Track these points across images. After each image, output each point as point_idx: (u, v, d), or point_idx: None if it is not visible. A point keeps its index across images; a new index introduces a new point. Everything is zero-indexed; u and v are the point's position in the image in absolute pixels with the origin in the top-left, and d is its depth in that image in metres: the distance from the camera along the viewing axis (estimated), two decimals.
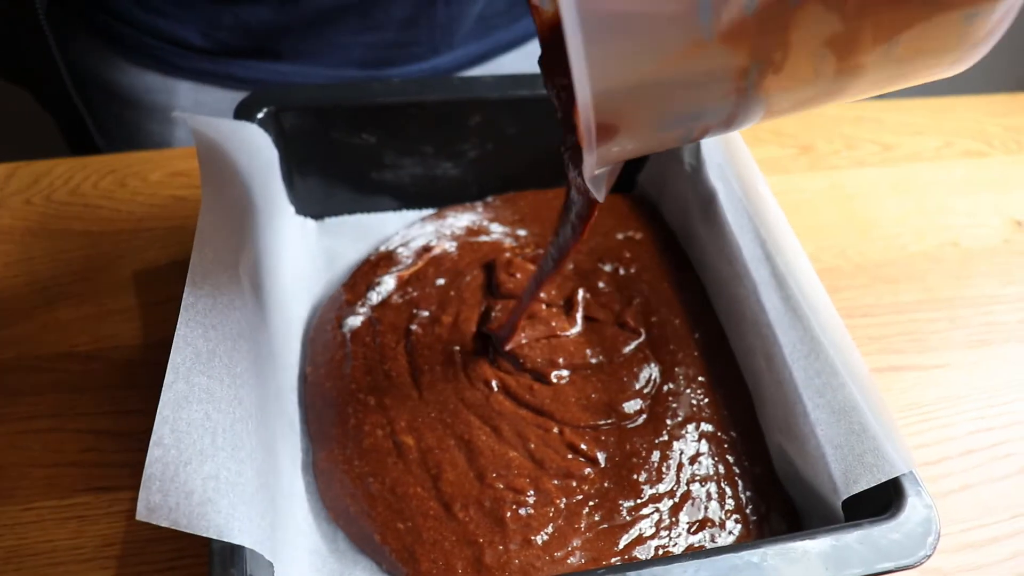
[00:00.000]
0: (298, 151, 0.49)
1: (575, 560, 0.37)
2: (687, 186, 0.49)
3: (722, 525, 0.39)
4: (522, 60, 0.69)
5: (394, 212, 0.53)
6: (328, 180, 0.51)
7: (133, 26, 0.60)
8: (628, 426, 0.42)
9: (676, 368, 0.44)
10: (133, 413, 0.43)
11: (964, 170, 0.64)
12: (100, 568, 0.38)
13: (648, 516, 0.39)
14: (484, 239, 0.51)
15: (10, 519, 0.39)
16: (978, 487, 0.44)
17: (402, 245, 0.50)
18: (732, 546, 0.32)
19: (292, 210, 0.51)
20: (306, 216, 0.52)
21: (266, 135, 0.46)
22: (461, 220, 0.52)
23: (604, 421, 0.42)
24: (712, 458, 0.41)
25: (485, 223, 0.52)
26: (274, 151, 0.47)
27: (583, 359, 0.44)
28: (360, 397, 0.42)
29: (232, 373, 0.34)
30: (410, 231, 0.52)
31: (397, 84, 0.49)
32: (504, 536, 0.37)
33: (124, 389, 0.44)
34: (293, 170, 0.50)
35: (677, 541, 0.38)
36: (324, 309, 0.47)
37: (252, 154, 0.44)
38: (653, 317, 0.47)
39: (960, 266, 0.56)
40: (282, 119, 0.47)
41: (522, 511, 0.38)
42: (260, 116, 0.46)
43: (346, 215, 0.53)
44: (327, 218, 0.53)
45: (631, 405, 0.42)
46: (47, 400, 0.43)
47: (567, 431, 0.41)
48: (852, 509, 0.36)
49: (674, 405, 0.43)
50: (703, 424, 0.42)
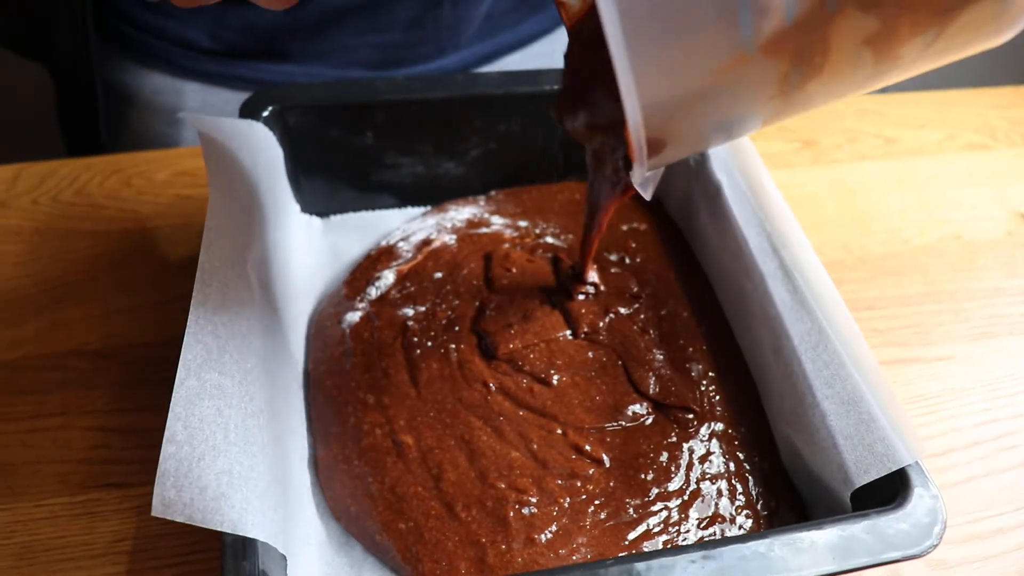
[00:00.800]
0: (303, 149, 0.49)
1: (580, 557, 0.37)
2: (691, 180, 0.49)
3: (732, 520, 0.38)
4: (528, 60, 0.69)
5: (399, 209, 0.54)
6: (333, 178, 0.51)
7: (141, 28, 0.61)
8: (634, 427, 0.42)
9: (686, 365, 0.44)
10: (142, 410, 0.43)
11: (967, 163, 0.64)
12: (111, 563, 0.38)
13: (656, 513, 0.38)
14: (484, 231, 0.50)
15: (22, 515, 0.39)
16: (983, 479, 0.44)
17: (402, 239, 0.50)
18: (739, 536, 0.32)
19: (297, 208, 0.51)
20: (311, 214, 0.52)
21: (271, 134, 0.46)
22: (462, 213, 0.52)
23: (609, 424, 0.41)
24: (723, 456, 0.41)
25: (486, 215, 0.52)
26: (279, 149, 0.47)
27: (584, 361, 0.44)
28: (359, 395, 0.42)
29: (243, 369, 0.35)
30: (411, 225, 0.52)
31: (401, 82, 0.49)
32: (507, 535, 0.37)
33: (133, 387, 0.44)
34: (298, 168, 0.50)
35: (687, 537, 0.38)
36: (325, 305, 0.47)
37: (257, 153, 0.45)
38: (662, 310, 0.46)
39: (963, 259, 0.56)
40: (287, 118, 0.48)
41: (525, 510, 0.38)
42: (265, 115, 0.46)
43: (351, 212, 0.53)
44: (332, 216, 0.53)
45: (638, 408, 0.42)
46: (56, 398, 0.44)
47: (571, 432, 0.41)
48: (859, 501, 0.36)
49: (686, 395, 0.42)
50: (714, 423, 0.42)
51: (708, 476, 0.40)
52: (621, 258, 0.50)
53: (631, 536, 0.37)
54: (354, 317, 0.45)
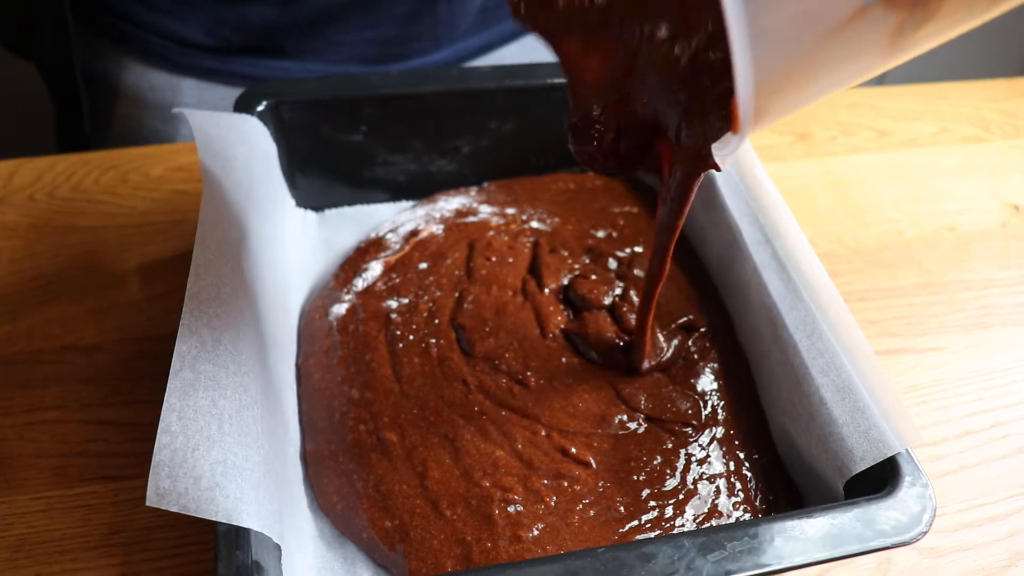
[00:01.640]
0: (298, 144, 0.49)
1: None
2: None
3: (729, 516, 0.38)
4: (525, 52, 0.69)
5: (394, 203, 0.54)
6: (327, 172, 0.52)
7: (137, 25, 0.61)
8: (625, 435, 0.41)
9: (689, 379, 0.43)
10: (138, 403, 0.44)
11: (961, 155, 0.64)
12: (107, 555, 0.38)
13: (650, 511, 0.38)
14: (471, 220, 0.51)
15: (19, 508, 0.39)
16: (975, 468, 0.45)
17: (391, 231, 0.50)
18: (729, 525, 0.32)
19: (292, 202, 0.51)
20: (306, 208, 0.53)
21: (265, 129, 0.46)
22: (451, 203, 0.52)
23: (596, 431, 0.41)
24: (723, 457, 0.40)
25: (475, 205, 0.52)
26: (273, 145, 0.47)
27: (558, 366, 0.43)
28: (345, 390, 0.42)
29: (237, 361, 0.35)
30: (400, 216, 0.52)
31: (395, 76, 0.49)
32: (493, 533, 0.36)
33: (129, 380, 0.45)
34: (293, 163, 0.50)
35: (682, 531, 0.37)
36: (314, 297, 0.47)
37: (252, 148, 0.45)
38: (664, 308, 0.46)
39: (957, 250, 0.56)
40: (281, 112, 0.48)
41: (511, 508, 0.37)
42: (260, 109, 0.47)
43: (346, 207, 0.53)
44: (327, 210, 0.53)
45: (628, 420, 0.41)
46: (53, 392, 0.44)
47: (555, 435, 0.40)
48: (851, 491, 0.36)
49: (680, 403, 0.42)
50: (715, 428, 0.41)
51: (706, 477, 0.39)
52: (608, 234, 0.49)
53: (622, 531, 0.37)
54: (340, 309, 0.45)
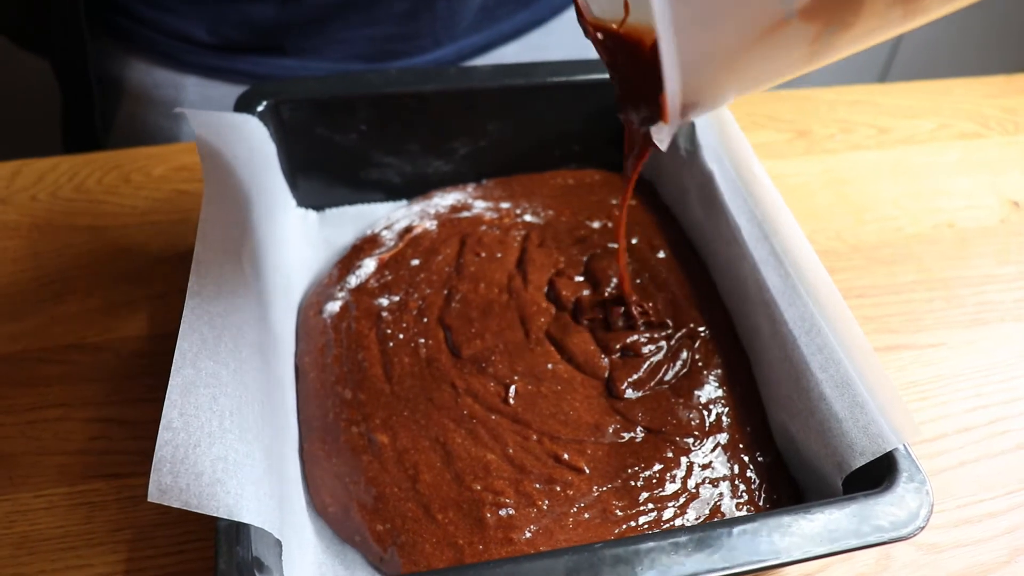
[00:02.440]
0: (298, 143, 0.50)
1: None
2: (683, 170, 0.50)
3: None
4: (524, 51, 0.69)
5: (394, 201, 0.54)
6: (328, 171, 0.52)
7: (141, 23, 0.61)
8: (621, 443, 0.40)
9: (692, 390, 0.42)
10: (140, 402, 0.44)
11: (960, 152, 0.64)
12: (111, 552, 0.38)
13: (648, 513, 0.38)
14: (465, 215, 0.51)
15: (22, 506, 0.40)
16: (974, 464, 0.45)
17: (386, 228, 0.50)
18: (726, 520, 0.32)
19: (294, 202, 0.52)
20: (307, 208, 0.53)
21: (264, 129, 0.46)
22: (447, 199, 0.52)
23: (590, 438, 0.40)
24: (727, 462, 0.40)
25: (470, 200, 0.52)
26: (272, 145, 0.47)
27: (544, 372, 0.42)
28: (338, 390, 0.42)
29: (238, 358, 0.35)
30: (396, 212, 0.52)
31: (395, 75, 0.50)
32: (484, 537, 0.36)
33: (131, 379, 0.45)
34: (293, 162, 0.50)
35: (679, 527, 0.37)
36: (310, 294, 0.48)
37: (253, 147, 0.45)
38: (658, 304, 0.46)
39: (956, 247, 0.56)
40: (282, 111, 0.48)
41: (502, 512, 0.37)
42: (260, 109, 0.47)
43: (347, 206, 0.54)
44: (328, 209, 0.53)
45: (624, 430, 0.41)
46: (56, 390, 0.44)
47: (547, 441, 0.40)
48: (849, 487, 0.36)
49: (685, 413, 0.41)
50: (719, 435, 0.41)
51: (709, 480, 0.39)
52: (604, 225, 0.49)
53: (619, 532, 0.37)
54: (334, 307, 0.46)
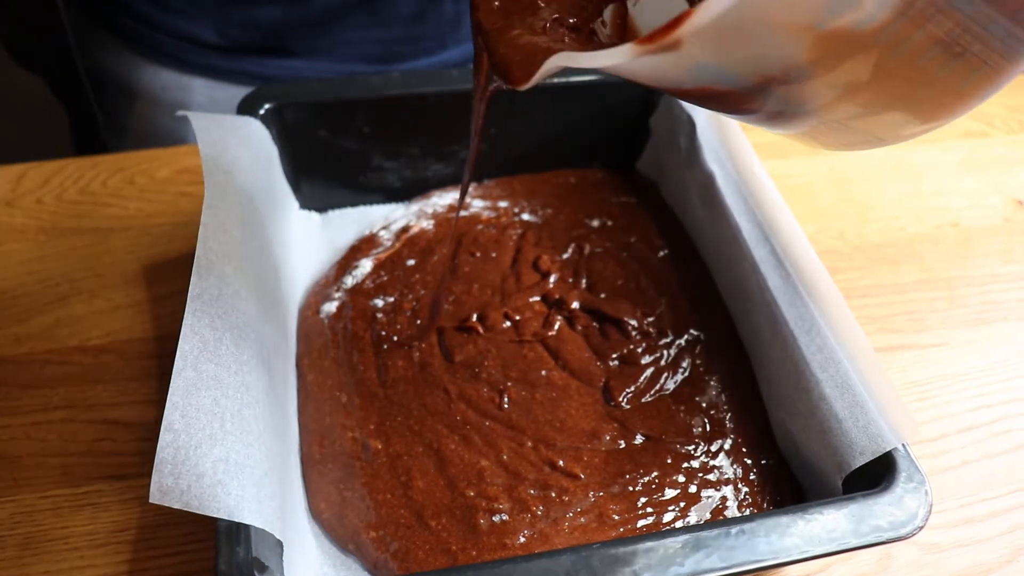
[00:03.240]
0: (301, 145, 0.50)
1: None
2: (685, 171, 0.50)
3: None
4: None
5: (397, 203, 0.54)
6: (331, 173, 0.52)
7: (148, 24, 0.62)
8: (619, 450, 0.40)
9: (694, 397, 0.42)
10: (144, 403, 0.44)
11: (964, 151, 0.64)
12: (114, 552, 0.39)
13: (647, 516, 0.38)
14: (462, 214, 0.51)
15: (27, 507, 0.40)
16: (977, 463, 0.45)
17: (384, 228, 0.50)
18: (724, 520, 0.32)
19: (296, 204, 0.52)
20: (310, 209, 0.53)
21: (267, 131, 0.47)
22: (445, 199, 0.52)
23: (586, 445, 0.40)
24: (730, 465, 0.40)
25: (469, 200, 0.52)
26: (275, 147, 0.47)
27: (537, 379, 0.42)
28: (335, 393, 0.42)
29: (239, 360, 0.35)
30: (395, 212, 0.52)
31: (397, 77, 0.50)
32: (478, 543, 0.36)
33: (135, 380, 0.45)
34: (296, 164, 0.51)
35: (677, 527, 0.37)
36: (308, 295, 0.48)
37: (256, 150, 0.45)
38: (657, 308, 0.46)
39: (960, 246, 0.56)
40: (284, 114, 0.48)
41: (496, 518, 0.37)
42: (263, 112, 0.47)
43: (349, 207, 0.54)
44: (331, 211, 0.54)
45: (623, 438, 0.40)
46: (61, 392, 0.45)
47: (542, 448, 0.40)
48: (849, 487, 0.36)
49: (686, 420, 0.41)
50: (723, 440, 0.41)
51: (711, 484, 0.39)
52: (603, 223, 0.49)
53: (616, 536, 0.37)
54: (331, 307, 0.46)
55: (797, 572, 0.40)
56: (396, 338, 0.44)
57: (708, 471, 0.39)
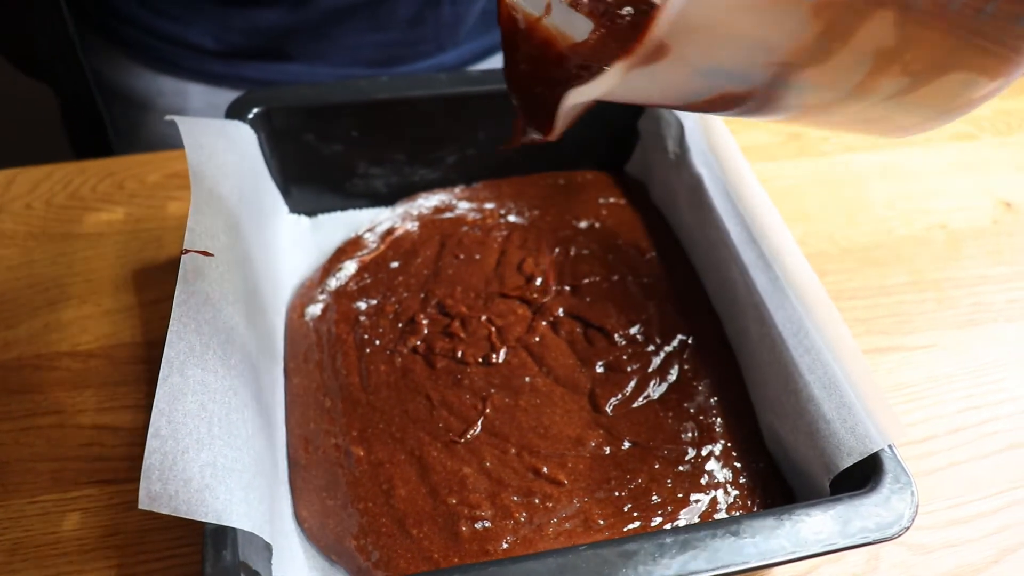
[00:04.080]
0: (290, 150, 0.50)
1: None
2: (673, 173, 0.50)
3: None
4: None
5: (387, 207, 0.54)
6: (320, 177, 0.52)
7: (145, 31, 0.62)
8: (606, 455, 0.40)
9: (682, 403, 0.42)
10: (133, 408, 0.44)
11: (953, 153, 0.64)
12: (103, 558, 0.39)
13: (634, 520, 0.37)
14: (447, 216, 0.51)
15: (15, 512, 0.40)
16: (964, 465, 0.45)
17: (369, 230, 0.50)
18: (710, 523, 0.32)
19: (286, 209, 0.52)
20: (299, 214, 0.53)
21: (256, 135, 0.47)
22: (431, 200, 0.52)
23: (571, 452, 0.40)
24: (721, 470, 0.40)
25: (455, 201, 0.52)
26: (263, 152, 0.47)
27: (520, 386, 0.42)
28: (318, 397, 0.42)
29: (227, 365, 0.35)
30: (380, 215, 0.52)
31: (386, 82, 0.50)
32: (459, 550, 0.36)
33: (124, 385, 0.45)
34: (285, 168, 0.51)
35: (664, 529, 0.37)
36: (294, 297, 0.48)
37: (244, 154, 0.45)
38: (643, 314, 0.46)
39: (948, 248, 0.56)
40: (273, 118, 0.48)
41: (478, 525, 0.37)
42: (251, 116, 0.47)
43: (339, 211, 0.54)
44: (320, 215, 0.54)
45: (608, 444, 0.40)
46: (50, 397, 0.44)
47: (525, 455, 0.40)
48: (836, 489, 0.36)
49: (674, 426, 0.41)
50: (713, 445, 0.40)
51: (699, 488, 0.39)
52: (591, 224, 0.49)
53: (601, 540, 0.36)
54: (316, 310, 0.46)
55: (785, 573, 0.40)
56: (378, 342, 0.44)
57: (697, 475, 0.39)
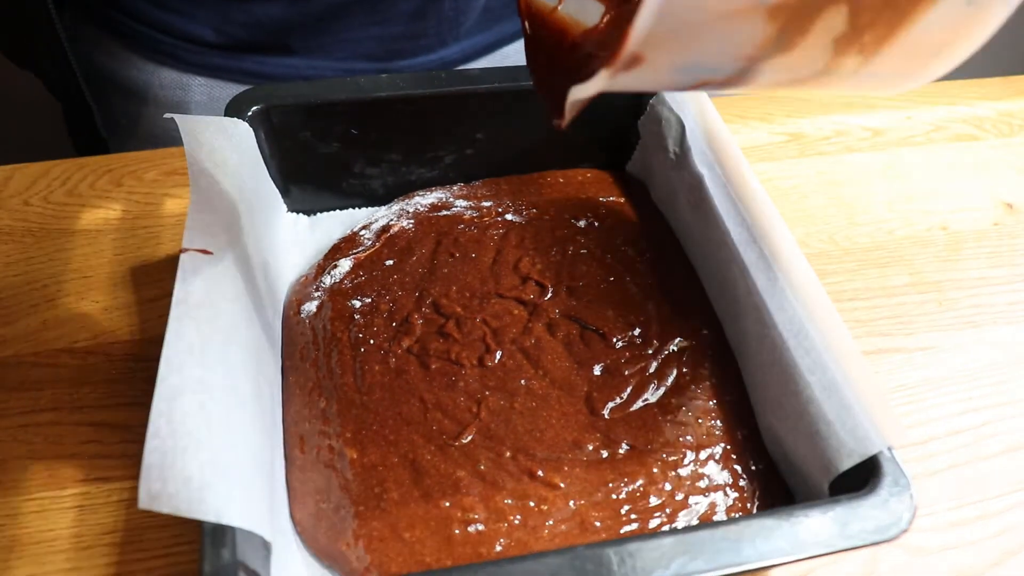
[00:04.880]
0: (288, 147, 0.50)
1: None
2: (672, 173, 0.50)
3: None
4: None
5: (386, 207, 0.54)
6: (319, 176, 0.52)
7: (146, 23, 0.62)
8: (603, 459, 0.40)
9: (679, 406, 0.42)
10: (131, 406, 0.44)
11: (955, 154, 0.64)
12: (100, 555, 0.39)
13: (632, 522, 0.37)
14: (444, 213, 0.50)
15: (12, 509, 0.40)
16: (965, 467, 0.45)
17: (364, 228, 0.50)
18: (708, 524, 0.32)
19: (284, 207, 0.52)
20: (298, 212, 0.53)
21: (254, 133, 0.47)
22: (428, 198, 0.52)
23: (567, 455, 0.40)
24: (720, 472, 0.39)
25: (452, 199, 0.52)
26: (259, 150, 0.47)
27: (516, 388, 0.42)
28: (314, 397, 0.42)
29: (227, 363, 0.35)
30: (376, 212, 0.52)
31: (385, 79, 0.50)
32: (452, 553, 0.36)
33: (122, 383, 0.45)
34: (284, 167, 0.50)
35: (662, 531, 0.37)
36: (290, 293, 0.47)
37: (243, 152, 0.45)
38: (640, 316, 0.45)
39: (949, 249, 0.56)
40: (272, 116, 0.48)
41: (471, 528, 0.37)
42: (250, 114, 0.47)
43: (338, 210, 0.54)
44: (319, 213, 0.53)
45: (606, 447, 0.40)
46: (47, 395, 0.44)
47: (521, 458, 0.39)
48: (835, 491, 0.36)
49: (672, 430, 0.41)
50: (713, 448, 0.40)
51: (699, 491, 0.39)
52: (589, 223, 0.49)
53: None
54: (311, 307, 0.45)
55: (783, 573, 0.40)
56: (372, 341, 0.44)
57: (695, 478, 0.39)
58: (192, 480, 0.31)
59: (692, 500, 0.38)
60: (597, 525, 0.37)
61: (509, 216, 0.50)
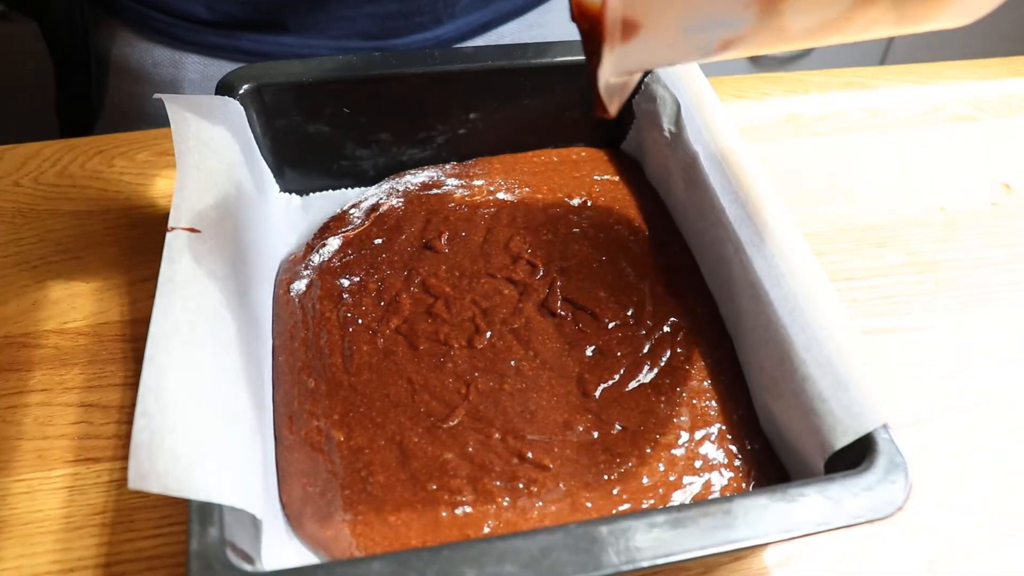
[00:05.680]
0: (280, 127, 0.49)
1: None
2: (667, 151, 0.49)
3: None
4: (524, 30, 0.69)
5: (376, 185, 0.54)
6: (312, 155, 0.51)
7: (140, 1, 0.61)
8: (594, 440, 0.39)
9: (674, 386, 0.41)
10: (121, 386, 0.44)
11: (953, 135, 0.64)
12: (89, 536, 0.38)
13: (624, 502, 0.37)
14: (435, 192, 0.50)
15: (1, 490, 0.40)
16: (960, 447, 0.44)
17: (354, 206, 0.50)
18: (701, 502, 0.32)
19: (277, 187, 0.51)
20: (291, 192, 0.52)
21: (245, 112, 0.46)
22: (418, 177, 0.51)
23: (558, 436, 0.39)
24: (715, 451, 0.39)
25: (443, 178, 0.51)
26: (251, 129, 0.47)
27: (505, 369, 0.41)
28: (303, 377, 0.41)
29: (216, 341, 0.35)
30: (367, 191, 0.51)
31: (378, 58, 0.49)
32: (438, 536, 0.35)
33: (113, 363, 0.45)
34: (276, 146, 0.50)
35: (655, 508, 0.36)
36: (280, 272, 0.47)
37: (234, 131, 0.45)
38: (633, 296, 0.45)
39: (947, 230, 0.56)
40: (264, 95, 0.48)
41: (458, 511, 0.36)
42: (242, 92, 0.46)
43: (330, 190, 0.53)
44: (312, 193, 0.53)
45: (598, 428, 0.39)
46: (37, 375, 0.44)
47: (510, 439, 0.39)
48: (830, 470, 0.36)
49: (666, 410, 0.40)
50: (708, 428, 0.40)
51: (692, 471, 0.38)
52: (583, 202, 0.48)
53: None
54: (300, 285, 0.45)
55: (777, 553, 0.40)
56: (361, 321, 0.43)
57: (690, 458, 0.39)
58: (181, 459, 0.30)
59: (686, 480, 0.38)
60: (588, 506, 0.37)
61: (501, 195, 0.50)
